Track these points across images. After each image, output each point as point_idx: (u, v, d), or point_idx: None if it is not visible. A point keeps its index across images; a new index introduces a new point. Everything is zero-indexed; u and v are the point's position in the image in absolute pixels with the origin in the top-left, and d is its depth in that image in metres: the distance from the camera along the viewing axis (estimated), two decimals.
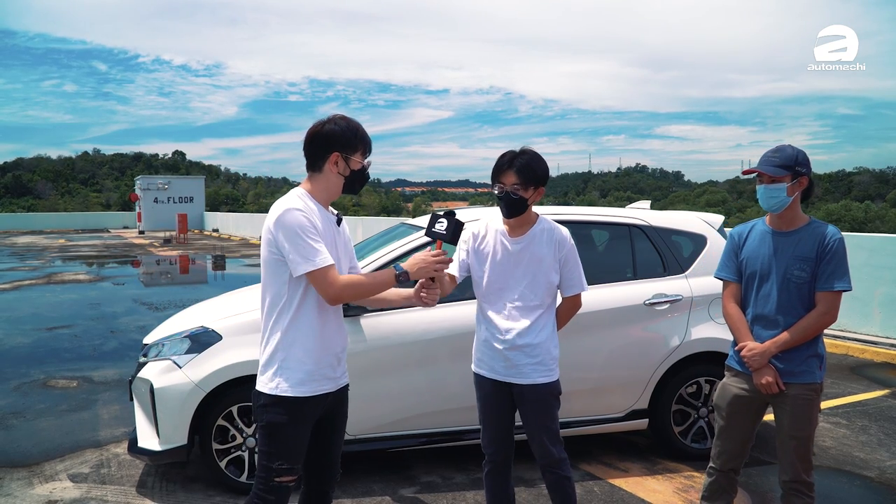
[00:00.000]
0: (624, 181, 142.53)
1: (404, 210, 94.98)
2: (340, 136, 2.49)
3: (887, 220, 69.50)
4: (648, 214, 4.79)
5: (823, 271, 2.82)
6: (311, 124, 2.55)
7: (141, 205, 48.68)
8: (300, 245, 2.35)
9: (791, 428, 2.87)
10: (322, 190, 2.53)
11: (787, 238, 2.91)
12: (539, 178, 2.91)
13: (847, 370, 7.11)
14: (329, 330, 2.53)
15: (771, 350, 2.87)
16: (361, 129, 2.55)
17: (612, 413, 4.42)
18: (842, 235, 2.88)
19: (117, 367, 7.05)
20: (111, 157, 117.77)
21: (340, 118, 2.53)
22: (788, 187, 2.85)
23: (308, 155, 2.54)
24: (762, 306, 2.94)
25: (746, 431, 3.06)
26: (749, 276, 3.00)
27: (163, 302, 11.88)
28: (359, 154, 2.54)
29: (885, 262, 8.27)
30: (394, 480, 4.17)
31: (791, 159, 2.86)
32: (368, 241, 5.27)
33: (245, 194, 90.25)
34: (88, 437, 4.97)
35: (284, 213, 2.38)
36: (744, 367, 2.99)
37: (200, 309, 4.79)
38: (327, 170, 2.51)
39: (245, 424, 3.94)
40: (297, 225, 2.35)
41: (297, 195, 2.47)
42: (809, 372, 2.88)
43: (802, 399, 2.86)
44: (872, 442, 4.90)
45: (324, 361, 2.51)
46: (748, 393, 2.99)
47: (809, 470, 2.90)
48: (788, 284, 2.87)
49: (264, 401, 2.47)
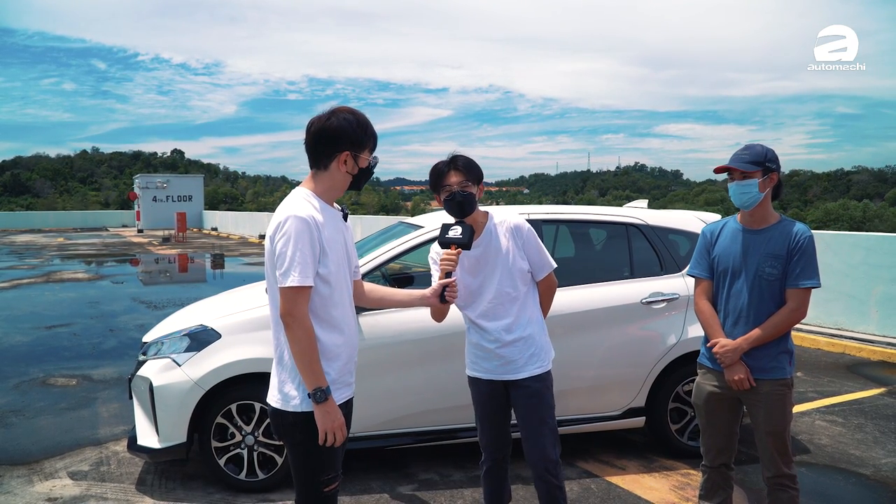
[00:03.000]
0: (623, 180, 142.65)
1: (403, 209, 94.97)
2: (350, 132, 2.34)
3: (885, 218, 69.51)
4: (645, 213, 4.81)
5: (794, 268, 2.86)
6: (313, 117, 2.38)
7: (140, 203, 48.63)
8: (289, 257, 2.22)
9: (767, 424, 2.91)
10: (328, 189, 2.39)
11: (758, 236, 2.94)
12: (480, 175, 2.99)
13: (844, 368, 7.14)
14: (348, 334, 2.42)
15: (742, 346, 2.90)
16: (370, 125, 2.42)
17: (609, 411, 4.44)
18: (812, 233, 2.91)
19: (116, 366, 7.07)
20: (110, 155, 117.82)
21: (347, 111, 2.38)
22: (760, 183, 2.88)
23: (313, 152, 2.37)
24: (734, 303, 2.98)
25: (729, 426, 3.10)
26: (721, 273, 3.03)
27: (162, 300, 11.90)
28: (367, 151, 2.41)
29: (882, 261, 8.30)
30: (392, 478, 4.19)
31: (761, 156, 2.91)
32: (367, 239, 5.29)
33: (244, 193, 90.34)
34: (88, 434, 4.99)
35: (286, 221, 2.25)
36: (715, 364, 3.03)
37: (199, 307, 4.80)
38: (334, 168, 2.37)
39: (244, 422, 3.96)
40: (295, 234, 2.22)
41: (303, 197, 2.33)
42: (780, 368, 2.92)
43: (775, 395, 2.91)
44: (868, 440, 4.93)
45: (345, 368, 2.41)
46: (721, 389, 3.03)
47: (790, 463, 2.95)
48: (760, 282, 2.90)
49: (292, 420, 2.32)
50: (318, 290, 2.31)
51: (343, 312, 2.40)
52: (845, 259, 8.68)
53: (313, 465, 2.35)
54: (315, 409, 2.26)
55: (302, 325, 2.23)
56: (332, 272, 2.33)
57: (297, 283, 2.21)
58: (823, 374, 6.90)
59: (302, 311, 2.24)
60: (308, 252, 2.23)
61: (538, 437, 2.99)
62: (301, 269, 2.21)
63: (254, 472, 3.97)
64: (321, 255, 2.29)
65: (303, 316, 2.24)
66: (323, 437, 2.28)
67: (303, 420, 2.30)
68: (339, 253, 2.38)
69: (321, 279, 2.30)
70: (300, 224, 2.23)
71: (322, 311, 2.33)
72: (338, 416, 2.29)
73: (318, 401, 2.24)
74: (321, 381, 2.25)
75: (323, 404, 2.25)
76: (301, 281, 2.21)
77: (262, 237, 32.52)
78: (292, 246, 2.22)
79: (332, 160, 2.36)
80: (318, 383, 2.24)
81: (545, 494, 3.02)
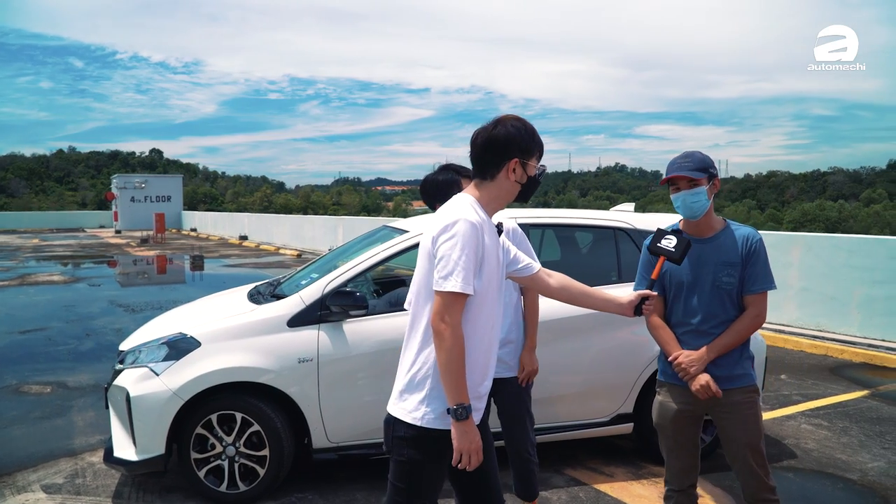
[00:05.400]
0: (604, 180, 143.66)
1: (385, 209, 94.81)
2: (519, 140, 2.27)
3: (860, 219, 70.71)
4: (633, 217, 4.77)
5: (750, 274, 2.78)
6: (478, 128, 2.33)
7: (117, 204, 48.12)
8: (453, 261, 2.13)
9: (744, 435, 2.79)
10: (493, 199, 2.32)
11: (707, 245, 2.84)
12: None
13: (827, 371, 7.17)
14: (489, 352, 2.31)
15: (709, 355, 2.79)
16: (537, 132, 2.35)
17: (597, 417, 4.39)
18: (761, 235, 2.85)
19: (93, 372, 6.90)
20: (87, 154, 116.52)
21: (515, 119, 2.32)
22: (707, 190, 2.80)
23: (481, 161, 2.31)
24: (692, 316, 2.86)
25: (695, 444, 2.97)
26: (676, 287, 2.90)
27: (140, 303, 11.69)
28: (535, 158, 2.33)
29: (863, 263, 8.35)
30: (378, 487, 4.10)
31: (703, 162, 2.82)
32: (350, 244, 5.20)
33: (224, 193, 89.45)
34: (63, 445, 4.84)
35: (456, 223, 2.16)
36: (677, 379, 2.89)
37: (178, 314, 4.68)
38: (502, 177, 2.29)
39: (225, 433, 3.85)
40: (462, 237, 2.14)
41: (470, 203, 2.25)
42: (747, 374, 2.85)
43: (747, 403, 2.81)
44: (854, 444, 4.93)
45: (476, 391, 2.26)
46: (688, 405, 2.89)
47: (769, 474, 2.83)
48: (719, 292, 2.80)
49: (404, 432, 2.23)
50: (475, 300, 2.22)
51: (481, 332, 2.27)
52: (827, 261, 8.74)
53: (411, 489, 2.26)
54: (454, 426, 2.15)
55: (455, 332, 2.13)
56: (483, 287, 2.23)
57: (459, 289, 2.12)
58: (807, 376, 6.92)
59: (457, 318, 2.14)
60: (473, 259, 2.16)
61: (525, 424, 3.38)
62: (465, 274, 2.13)
63: (235, 484, 3.87)
64: (479, 266, 2.21)
65: (457, 324, 2.14)
66: (458, 459, 2.16)
67: (414, 435, 2.21)
68: (493, 267, 2.28)
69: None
70: (470, 229, 2.15)
71: (477, 323, 2.24)
72: (476, 437, 2.17)
73: (459, 418, 2.13)
74: (464, 398, 2.13)
75: (463, 423, 2.13)
76: (463, 287, 2.12)
77: (242, 238, 32.26)
78: (459, 249, 2.13)
79: (501, 169, 2.29)
80: (461, 399, 2.13)
81: (523, 470, 3.42)
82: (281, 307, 4.00)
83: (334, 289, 3.98)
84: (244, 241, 31.59)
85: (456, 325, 2.13)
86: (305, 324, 3.93)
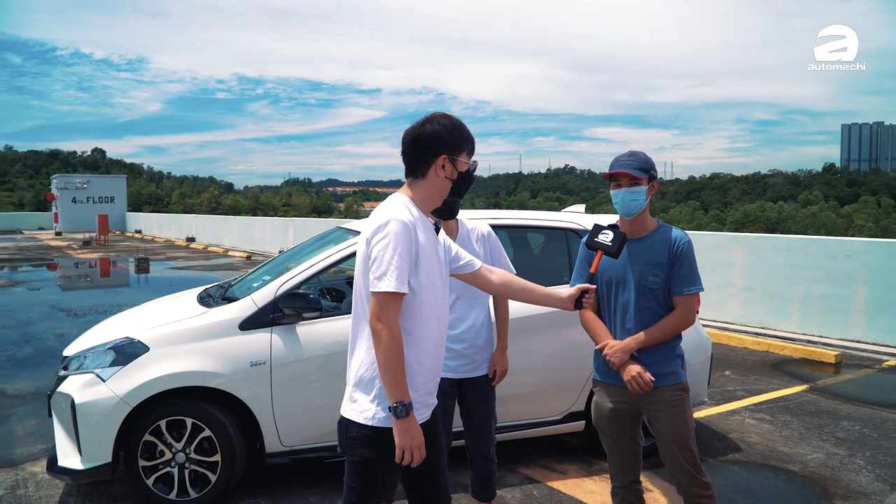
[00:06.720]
0: (553, 182, 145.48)
1: (336, 210, 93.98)
2: (447, 136, 2.30)
3: (798, 220, 73.37)
4: (584, 218, 4.85)
5: (677, 276, 2.84)
6: (408, 127, 2.36)
7: (58, 205, 46.57)
8: (386, 261, 2.14)
9: (672, 433, 2.83)
10: (426, 196, 2.34)
11: (638, 244, 2.91)
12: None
13: (769, 367, 7.41)
14: (436, 350, 2.33)
15: (631, 346, 2.83)
16: (466, 128, 2.37)
17: (549, 416, 4.45)
18: (689, 238, 2.91)
19: (33, 379, 6.66)
20: (25, 154, 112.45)
21: (442, 116, 2.35)
22: (646, 190, 2.88)
23: (410, 160, 2.33)
24: (621, 314, 2.92)
25: (634, 440, 3.01)
26: (606, 284, 2.96)
27: (82, 307, 11.33)
28: (465, 154, 2.36)
29: (802, 263, 8.68)
30: (332, 491, 4.07)
31: (646, 163, 2.89)
32: (303, 245, 5.15)
33: (170, 194, 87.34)
34: (2, 455, 4.66)
35: (388, 223, 2.18)
36: (610, 378, 2.94)
37: (125, 318, 4.57)
38: (432, 174, 2.31)
39: (174, 439, 3.77)
40: (394, 237, 2.16)
41: (403, 203, 2.27)
42: (675, 373, 2.89)
43: (675, 401, 2.86)
44: (795, 436, 5.11)
45: (424, 388, 2.29)
46: (623, 403, 2.93)
47: (701, 471, 2.87)
48: (644, 290, 2.86)
49: (356, 432, 2.23)
50: (414, 296, 2.24)
51: (426, 329, 2.28)
52: (768, 260, 9.04)
53: (365, 488, 2.26)
54: (395, 424, 2.16)
55: (391, 332, 2.14)
56: (422, 284, 2.24)
57: (393, 289, 2.13)
58: (750, 372, 7.15)
59: (393, 317, 2.15)
60: (406, 258, 2.17)
61: (490, 424, 3.40)
62: (398, 274, 2.14)
63: (185, 491, 3.79)
64: (413, 265, 2.21)
65: (393, 323, 2.15)
66: (400, 455, 2.17)
67: (367, 435, 2.22)
68: (431, 265, 2.28)
69: (409, 289, 2.21)
70: (402, 228, 2.17)
71: (419, 319, 2.25)
72: (418, 433, 2.19)
73: (399, 415, 2.14)
74: (404, 395, 2.15)
75: (403, 420, 2.15)
76: (397, 286, 2.13)
77: (189, 240, 31.57)
78: (392, 249, 2.15)
79: (430, 166, 2.31)
80: (401, 397, 2.14)
81: (484, 470, 3.43)
82: (232, 310, 3.94)
83: (287, 291, 3.94)
84: (192, 242, 30.93)
85: (392, 324, 2.15)
86: (258, 326, 3.88)
